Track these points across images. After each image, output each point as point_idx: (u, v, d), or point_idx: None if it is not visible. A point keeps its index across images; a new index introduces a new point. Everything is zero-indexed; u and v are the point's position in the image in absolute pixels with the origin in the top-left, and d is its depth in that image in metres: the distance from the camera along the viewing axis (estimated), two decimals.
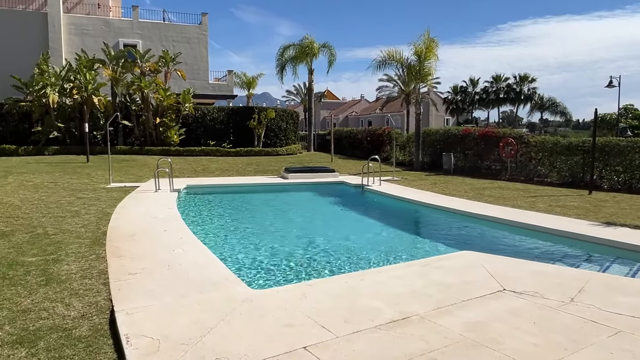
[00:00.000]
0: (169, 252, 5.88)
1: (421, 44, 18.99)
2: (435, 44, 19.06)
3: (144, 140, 22.38)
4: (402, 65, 21.15)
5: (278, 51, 29.69)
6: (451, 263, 5.64)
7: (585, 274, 5.43)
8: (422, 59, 19.12)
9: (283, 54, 29.45)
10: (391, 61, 20.72)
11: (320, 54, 29.00)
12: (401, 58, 20.44)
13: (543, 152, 15.66)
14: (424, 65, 19.35)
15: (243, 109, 26.45)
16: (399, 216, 10.86)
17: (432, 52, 18.98)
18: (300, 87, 54.44)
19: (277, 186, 14.53)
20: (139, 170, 16.00)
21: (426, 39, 18.89)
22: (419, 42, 19.07)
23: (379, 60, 20.87)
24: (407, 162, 21.38)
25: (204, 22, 31.99)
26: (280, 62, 29.54)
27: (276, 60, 29.87)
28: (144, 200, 10.23)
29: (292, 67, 29.57)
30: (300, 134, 32.15)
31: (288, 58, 29.29)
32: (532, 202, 10.63)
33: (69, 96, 20.91)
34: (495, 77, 58.58)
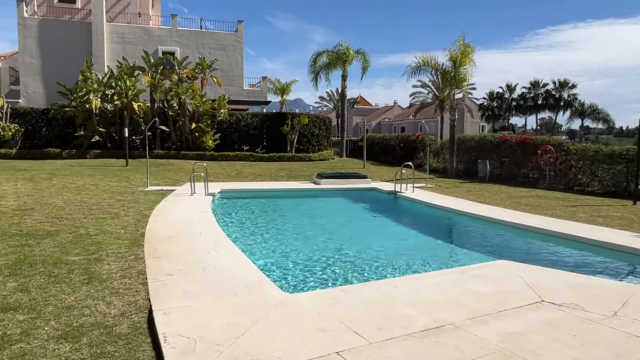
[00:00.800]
0: (204, 254, 6.00)
1: (456, 50, 18.75)
2: (471, 50, 18.78)
3: (180, 144, 22.95)
4: (437, 71, 20.90)
5: (311, 58, 29.93)
6: (487, 272, 5.52)
7: (629, 288, 5.22)
8: (457, 65, 18.86)
9: (316, 61, 29.65)
10: (426, 67, 20.50)
11: (354, 60, 29.06)
12: (436, 64, 20.20)
13: (584, 160, 15.14)
14: (459, 71, 19.09)
15: (276, 114, 26.75)
16: (432, 224, 10.71)
17: (468, 57, 18.70)
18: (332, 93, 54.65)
19: (309, 192, 14.59)
20: (175, 174, 16.40)
21: (461, 44, 18.64)
22: (454, 48, 18.84)
23: (414, 66, 20.69)
24: (440, 169, 21.09)
25: (240, 29, 32.60)
26: (313, 69, 29.75)
27: (309, 67, 30.10)
28: (180, 203, 10.48)
29: (325, 74, 29.74)
30: (332, 139, 32.21)
31: (322, 65, 29.46)
32: (572, 212, 10.29)
33: (110, 102, 21.71)
34: (534, 83, 57.10)
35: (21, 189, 11.63)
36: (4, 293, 4.43)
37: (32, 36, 28.29)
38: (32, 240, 6.49)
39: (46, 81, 27.94)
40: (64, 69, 26.97)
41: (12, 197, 10.27)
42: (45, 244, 6.31)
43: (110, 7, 32.16)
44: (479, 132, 58.07)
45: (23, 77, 28.60)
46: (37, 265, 5.34)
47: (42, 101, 27.37)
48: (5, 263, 5.39)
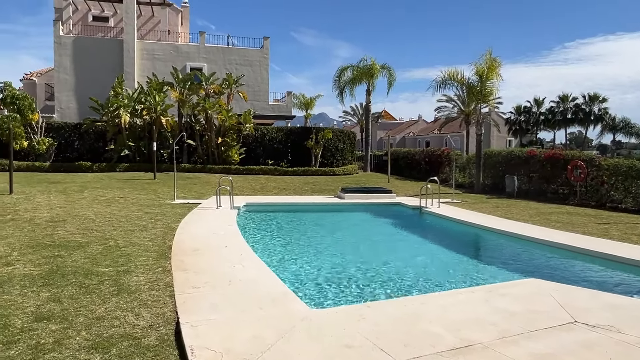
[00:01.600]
0: (230, 267, 6.04)
1: (483, 64, 18.60)
2: (498, 64, 18.60)
3: (206, 158, 23.32)
4: (462, 86, 20.76)
5: (336, 73, 30.21)
6: (517, 290, 5.39)
7: None
8: (483, 79, 18.69)
9: (341, 76, 29.87)
10: (451, 81, 20.38)
11: (379, 74, 29.16)
12: (462, 78, 20.07)
13: (616, 176, 14.69)
14: (486, 85, 18.90)
15: (301, 129, 26.97)
16: (459, 240, 10.53)
17: (495, 71, 18.51)
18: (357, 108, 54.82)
19: (333, 206, 14.57)
20: (201, 188, 16.64)
21: (488, 58, 18.49)
22: (480, 62, 18.70)
23: (439, 80, 20.60)
24: (467, 184, 20.80)
25: (265, 45, 33.16)
26: (338, 84, 29.96)
27: (334, 82, 30.35)
28: (206, 216, 10.61)
29: (350, 89, 29.91)
30: (356, 154, 32.22)
31: (346, 80, 29.66)
32: (604, 229, 9.98)
33: (140, 117, 22.29)
34: (562, 97, 56.05)
35: (54, 201, 11.99)
36: (38, 303, 4.55)
37: (67, 53, 29.41)
38: (64, 252, 6.66)
39: (79, 97, 28.94)
40: (96, 84, 27.91)
41: (45, 209, 10.59)
42: (76, 255, 6.47)
43: (142, 25, 33.26)
44: (506, 146, 57.14)
45: (57, 92, 29.71)
46: (69, 276, 5.48)
47: (75, 116, 28.33)
48: (39, 273, 5.54)
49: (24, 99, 20.90)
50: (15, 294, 4.77)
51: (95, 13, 33.45)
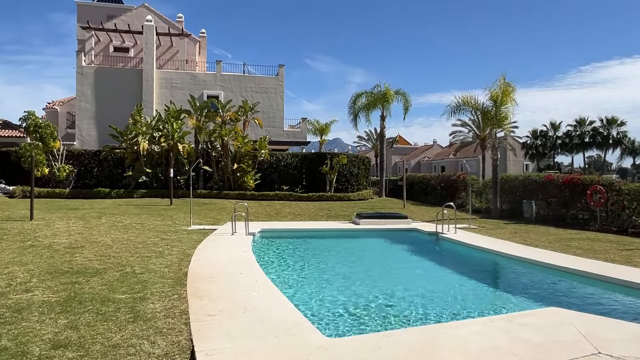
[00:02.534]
0: (245, 294, 6.02)
1: (497, 89, 18.62)
2: (512, 89, 18.60)
3: (222, 184, 23.54)
4: (477, 111, 20.76)
5: (350, 99, 30.45)
6: (537, 320, 5.25)
7: None
8: (498, 104, 18.67)
9: (355, 102, 30.12)
10: (465, 107, 20.41)
11: (394, 100, 29.33)
12: (476, 103, 20.09)
13: (638, 200, 14.40)
14: (500, 110, 18.87)
15: (315, 155, 27.12)
16: (477, 267, 10.35)
17: (509, 96, 18.50)
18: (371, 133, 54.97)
19: (348, 232, 14.51)
20: (217, 214, 16.75)
21: (502, 83, 18.52)
22: (494, 87, 18.73)
23: (453, 105, 20.66)
24: (483, 209, 20.55)
25: (281, 73, 33.75)
26: (352, 110, 30.20)
27: (348, 108, 30.60)
28: (222, 242, 10.64)
29: (365, 114, 30.10)
30: (371, 179, 32.18)
31: (361, 106, 29.88)
32: (627, 256, 9.73)
33: (157, 143, 22.69)
34: (579, 121, 55.59)
35: (73, 227, 12.17)
36: (56, 330, 4.58)
37: (89, 83, 30.31)
38: (81, 278, 6.73)
39: (99, 124, 29.68)
40: (116, 113, 28.64)
41: (64, 235, 10.75)
42: (94, 282, 6.52)
43: (161, 54, 34.23)
44: (523, 171, 56.56)
45: (78, 120, 30.51)
46: (86, 302, 5.52)
47: (94, 143, 29.01)
48: (57, 300, 5.60)
49: (46, 127, 21.48)
50: (33, 321, 4.82)
51: (117, 44, 34.58)
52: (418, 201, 25.75)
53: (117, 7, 37.39)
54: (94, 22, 32.94)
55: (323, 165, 24.63)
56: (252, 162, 23.94)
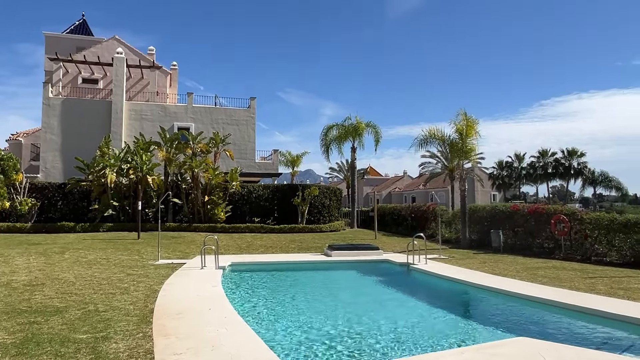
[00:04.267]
0: (214, 331, 5.86)
1: (461, 122, 19.24)
2: (475, 122, 19.25)
3: (192, 217, 23.15)
4: (444, 143, 21.33)
5: (322, 131, 30.91)
6: (506, 350, 5.29)
7: None
8: (463, 137, 19.26)
9: (327, 134, 30.55)
10: (432, 139, 20.98)
11: (365, 132, 29.89)
12: (442, 136, 20.67)
13: (599, 229, 14.89)
14: (466, 142, 19.44)
15: (287, 186, 27.12)
16: (447, 298, 10.41)
17: (473, 129, 19.13)
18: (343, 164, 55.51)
19: (320, 264, 14.42)
20: (186, 247, 16.40)
21: (463, 117, 19.16)
22: (458, 120, 19.35)
23: (421, 138, 21.20)
24: (453, 239, 20.84)
25: (252, 105, 33.97)
26: (324, 142, 30.58)
27: (320, 140, 31.00)
28: (191, 277, 10.39)
29: (336, 146, 30.51)
30: (343, 210, 32.30)
31: (332, 138, 30.32)
32: (591, 284, 9.99)
33: (126, 176, 22.27)
34: (542, 152, 57.70)
35: (33, 263, 11.68)
36: None
37: (55, 114, 29.73)
38: (40, 317, 6.43)
39: (65, 156, 28.97)
40: (83, 145, 28.07)
41: (23, 272, 10.29)
42: (53, 321, 6.23)
43: (131, 86, 34.04)
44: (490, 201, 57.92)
45: (43, 152, 29.70)
46: (44, 344, 5.25)
47: (60, 176, 28.21)
48: (13, 342, 5.31)
49: (8, 160, 20.83)
50: None
51: (85, 76, 34.21)
52: (389, 232, 25.92)
53: (86, 39, 37.22)
54: (63, 54, 32.61)
55: (295, 197, 24.61)
56: (223, 194, 23.72)
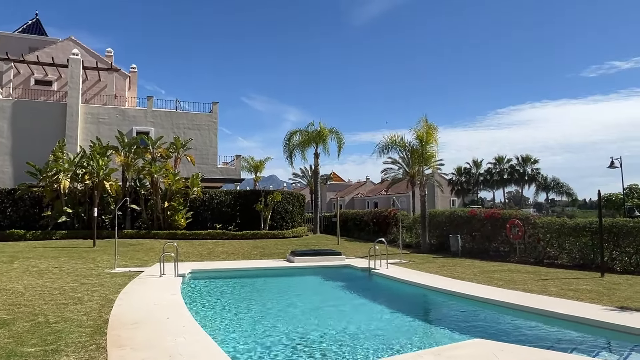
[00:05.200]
0: (172, 341, 5.73)
1: (421, 129, 19.67)
2: (435, 129, 19.74)
3: (151, 223, 22.56)
4: (405, 149, 21.74)
5: (285, 137, 30.86)
6: (464, 353, 5.42)
7: None
8: (423, 143, 19.69)
9: (290, 140, 30.54)
10: (394, 146, 21.35)
11: (328, 138, 30.08)
12: (403, 142, 21.09)
13: (550, 233, 15.53)
14: (426, 148, 19.89)
15: (250, 192, 26.90)
16: (407, 301, 10.58)
17: (432, 136, 19.60)
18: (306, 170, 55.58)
19: (282, 270, 14.36)
20: (144, 255, 15.96)
21: (424, 124, 19.61)
22: (418, 127, 19.78)
23: (383, 145, 21.54)
24: (414, 244, 21.21)
25: (214, 110, 33.54)
26: (288, 147, 30.56)
27: (284, 145, 30.95)
28: (148, 285, 10.12)
29: (300, 152, 30.55)
30: (306, 216, 32.31)
31: (295, 144, 30.34)
32: (543, 286, 10.39)
33: (81, 181, 21.48)
34: (498, 159, 59.63)
35: None
36: None
37: (5, 117, 28.34)
38: None
39: (15, 161, 27.63)
40: (35, 148, 26.86)
41: None
42: None
43: (87, 89, 32.95)
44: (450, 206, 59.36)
45: None
46: None
47: (9, 181, 26.87)
48: None
49: None
50: None
51: (39, 77, 32.85)
52: (352, 237, 26.11)
53: (40, 39, 35.77)
54: (14, 54, 31.21)
55: (257, 203, 24.42)
56: (184, 200, 23.26)
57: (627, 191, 44.47)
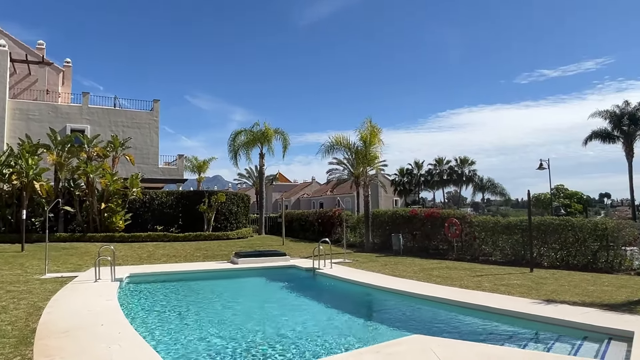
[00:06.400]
0: (105, 349, 5.48)
1: (365, 130, 20.05)
2: (378, 130, 20.17)
3: (86, 226, 21.47)
4: (350, 150, 22.06)
5: (230, 137, 30.40)
6: (402, 349, 5.58)
7: (535, 355, 5.52)
8: (367, 144, 20.07)
9: (235, 140, 30.13)
10: (339, 146, 21.61)
11: (274, 139, 29.94)
12: (348, 143, 21.38)
13: (485, 231, 16.33)
14: (370, 149, 20.28)
15: (193, 193, 26.25)
16: (350, 300, 10.75)
17: (376, 137, 20.02)
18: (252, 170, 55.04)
19: (226, 272, 14.13)
20: (79, 259, 15.17)
21: (368, 126, 20.01)
22: (363, 129, 20.14)
23: (327, 145, 21.73)
24: (358, 243, 21.57)
25: (156, 108, 32.46)
26: (232, 147, 30.13)
27: (228, 145, 30.47)
28: (82, 291, 9.63)
29: (245, 152, 30.20)
30: (251, 217, 31.97)
31: (240, 143, 29.97)
32: (478, 282, 10.89)
33: (8, 182, 20.06)
34: (438, 160, 61.88)
35: None
36: None
37: None
38: None
39: None
40: None
41: None
42: None
43: (15, 83, 30.88)
44: (393, 206, 60.86)
45: None
46: None
47: None
48: None
49: None
50: None
51: None
52: (297, 238, 26.13)
53: None
54: None
55: (201, 204, 23.87)
56: (122, 201, 22.30)
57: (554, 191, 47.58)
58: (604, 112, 38.74)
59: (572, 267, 13.52)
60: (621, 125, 37.75)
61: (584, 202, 61.67)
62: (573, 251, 13.97)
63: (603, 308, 7.74)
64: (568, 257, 14.02)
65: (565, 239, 14.11)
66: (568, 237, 14.05)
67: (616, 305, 8.00)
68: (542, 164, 33.99)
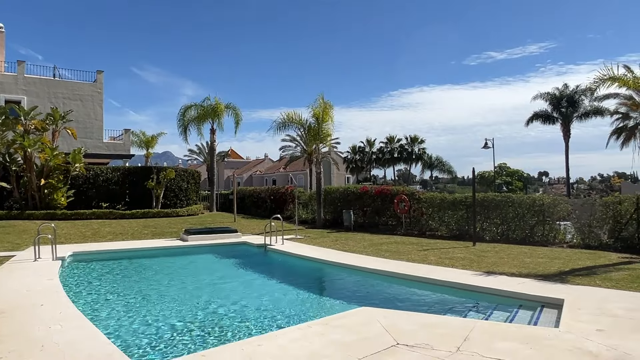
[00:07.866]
0: (45, 329, 5.28)
1: (318, 107, 20.00)
2: (331, 107, 20.18)
3: (25, 203, 20.36)
4: (302, 127, 21.98)
5: (179, 111, 29.49)
6: (350, 321, 5.72)
7: (469, 323, 5.81)
8: (320, 121, 20.06)
9: (185, 114, 29.27)
10: (291, 123, 21.47)
11: (225, 114, 29.31)
12: (300, 120, 21.28)
13: (432, 207, 16.88)
14: (323, 127, 20.29)
15: (140, 168, 25.41)
16: (301, 275, 10.87)
17: (328, 114, 20.03)
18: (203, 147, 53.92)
19: (175, 249, 13.88)
20: (16, 237, 14.41)
21: (321, 102, 19.97)
22: (316, 105, 20.08)
23: (280, 122, 21.53)
24: (310, 220, 21.74)
25: (99, 79, 30.91)
26: (182, 122, 29.28)
27: (178, 120, 29.58)
28: (20, 271, 9.18)
29: (196, 127, 29.44)
30: (202, 193, 31.42)
31: (191, 118, 29.16)
32: (424, 256, 11.29)
33: None
34: (389, 138, 62.98)
35: None
36: None
37: None
38: None
39: None
40: None
41: None
42: None
43: None
44: (345, 183, 61.65)
45: None
46: None
47: None
48: None
49: None
50: None
51: None
52: (249, 214, 26.00)
53: None
54: None
55: (149, 180, 23.18)
56: (64, 177, 21.26)
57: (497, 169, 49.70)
58: (545, 94, 40.58)
59: (512, 240, 14.27)
60: (560, 107, 39.72)
61: (524, 180, 65.02)
62: (513, 226, 14.72)
63: (537, 278, 8.25)
64: (508, 232, 14.78)
65: (506, 214, 14.83)
66: (508, 213, 14.77)
67: (549, 275, 8.55)
68: (487, 143, 35.38)
